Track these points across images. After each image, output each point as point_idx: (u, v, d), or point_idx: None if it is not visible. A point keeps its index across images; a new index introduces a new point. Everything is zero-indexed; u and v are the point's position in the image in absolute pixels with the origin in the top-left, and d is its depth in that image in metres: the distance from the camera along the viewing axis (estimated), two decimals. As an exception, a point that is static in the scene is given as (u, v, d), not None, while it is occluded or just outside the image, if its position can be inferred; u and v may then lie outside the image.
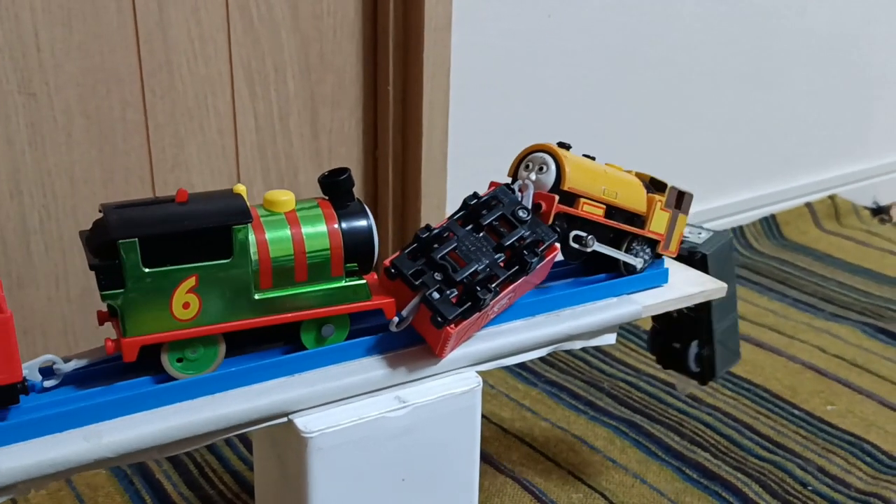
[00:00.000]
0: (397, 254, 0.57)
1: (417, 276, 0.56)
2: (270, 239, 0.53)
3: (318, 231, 0.54)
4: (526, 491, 0.87)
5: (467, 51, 1.12)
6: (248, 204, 0.52)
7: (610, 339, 0.67)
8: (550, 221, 0.61)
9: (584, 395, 1.05)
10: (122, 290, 0.49)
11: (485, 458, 0.93)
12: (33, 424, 0.48)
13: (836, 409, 1.03)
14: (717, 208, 1.51)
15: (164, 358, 0.52)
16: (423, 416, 0.56)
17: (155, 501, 0.83)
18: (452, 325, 0.55)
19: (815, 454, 0.94)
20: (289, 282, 0.54)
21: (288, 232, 0.54)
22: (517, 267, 0.58)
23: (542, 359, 1.14)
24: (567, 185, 0.62)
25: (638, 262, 0.68)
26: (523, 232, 0.59)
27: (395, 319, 0.56)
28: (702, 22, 1.37)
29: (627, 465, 0.91)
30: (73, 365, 0.52)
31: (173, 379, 0.53)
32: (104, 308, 0.53)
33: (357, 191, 0.80)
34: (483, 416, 1.00)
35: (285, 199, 0.55)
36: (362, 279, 0.56)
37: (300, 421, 0.53)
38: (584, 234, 0.63)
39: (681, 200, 0.72)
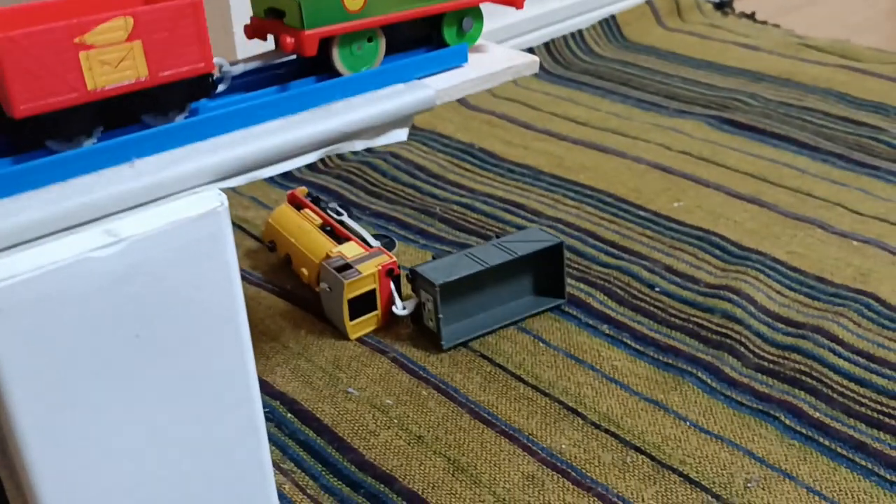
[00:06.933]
0: None
1: None
2: None
3: None
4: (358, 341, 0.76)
5: None
6: None
7: (400, 135, 0.54)
8: None
9: (415, 224, 0.94)
10: None
11: (293, 299, 0.81)
12: (224, 119, 0.48)
13: (683, 205, 0.95)
14: (554, 11, 1.39)
15: (335, 53, 0.53)
16: (146, 252, 0.43)
17: None
18: None
19: (662, 254, 0.86)
20: None
21: None
22: None
23: (365, 189, 1.01)
24: None
25: None
26: None
27: None
28: None
29: (462, 291, 0.81)
30: (242, 68, 0.53)
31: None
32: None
33: None
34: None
35: None
36: None
37: (-41, 276, 0.39)
38: None
39: None
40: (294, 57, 0.57)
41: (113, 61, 0.43)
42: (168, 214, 0.44)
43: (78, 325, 0.42)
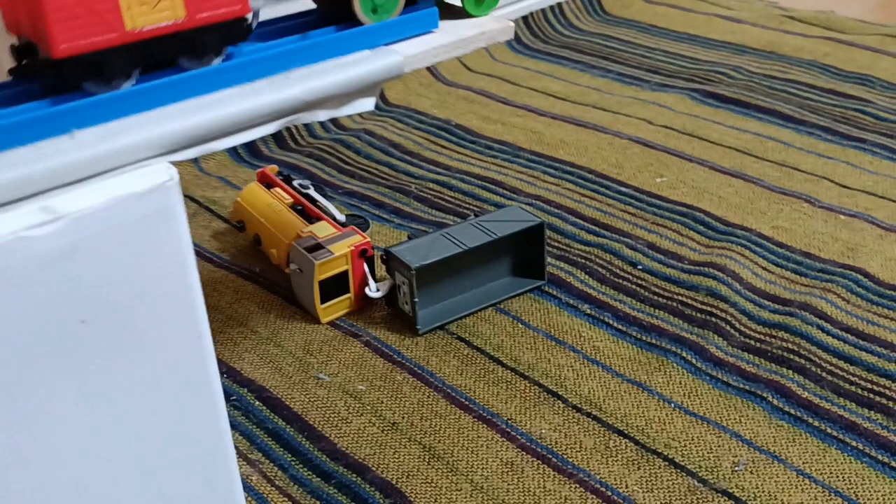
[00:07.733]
0: None
1: None
2: None
3: None
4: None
5: None
6: None
7: (366, 104, 0.51)
8: None
9: (390, 203, 0.90)
10: None
11: (262, 282, 0.78)
12: (259, 63, 0.47)
13: (666, 180, 0.93)
14: (532, -14, 1.35)
15: (356, 3, 0.52)
16: (88, 231, 0.39)
17: None
18: None
19: (644, 231, 0.84)
20: None
21: None
22: None
23: (338, 167, 0.98)
24: None
25: None
26: None
27: None
28: None
29: (438, 271, 0.78)
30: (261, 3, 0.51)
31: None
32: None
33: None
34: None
35: None
36: None
37: None
38: None
39: None
40: (312, 7, 0.56)
41: (151, 1, 0.43)
42: (112, 190, 0.40)
43: (12, 312, 0.39)
